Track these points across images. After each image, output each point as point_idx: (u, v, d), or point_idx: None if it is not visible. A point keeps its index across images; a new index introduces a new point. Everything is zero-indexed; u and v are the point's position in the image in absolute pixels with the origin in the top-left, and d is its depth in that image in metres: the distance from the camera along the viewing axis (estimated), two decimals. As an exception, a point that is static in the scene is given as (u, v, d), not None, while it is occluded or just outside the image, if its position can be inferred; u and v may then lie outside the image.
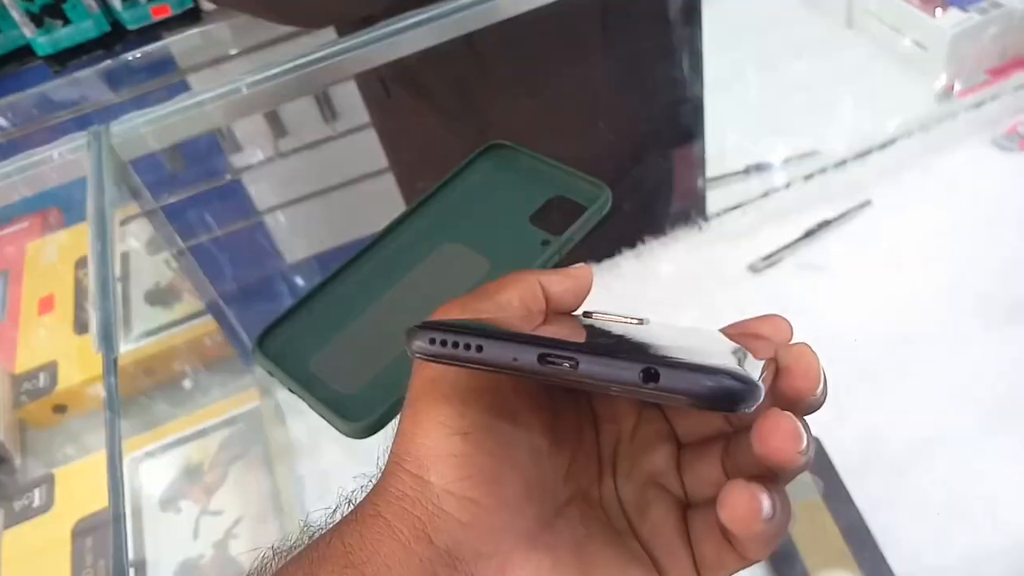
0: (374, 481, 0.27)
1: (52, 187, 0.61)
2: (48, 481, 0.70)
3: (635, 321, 0.32)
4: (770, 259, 0.82)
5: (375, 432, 0.35)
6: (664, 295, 0.81)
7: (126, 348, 0.78)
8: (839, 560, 0.61)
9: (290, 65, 0.64)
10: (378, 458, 0.28)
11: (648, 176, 0.85)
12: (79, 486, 0.71)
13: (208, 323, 0.78)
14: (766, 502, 0.24)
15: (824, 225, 0.84)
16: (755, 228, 0.85)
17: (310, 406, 0.36)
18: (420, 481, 0.25)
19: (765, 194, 0.87)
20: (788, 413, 0.24)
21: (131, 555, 0.65)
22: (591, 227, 0.41)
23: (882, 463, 0.66)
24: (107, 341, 0.43)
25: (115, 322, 0.44)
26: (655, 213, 0.86)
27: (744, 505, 0.24)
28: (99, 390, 0.81)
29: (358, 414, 0.35)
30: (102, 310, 0.44)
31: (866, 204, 0.85)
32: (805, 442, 0.24)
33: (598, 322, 0.31)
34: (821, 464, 0.66)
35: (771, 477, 0.26)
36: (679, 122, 0.85)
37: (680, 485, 0.30)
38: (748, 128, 0.99)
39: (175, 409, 0.75)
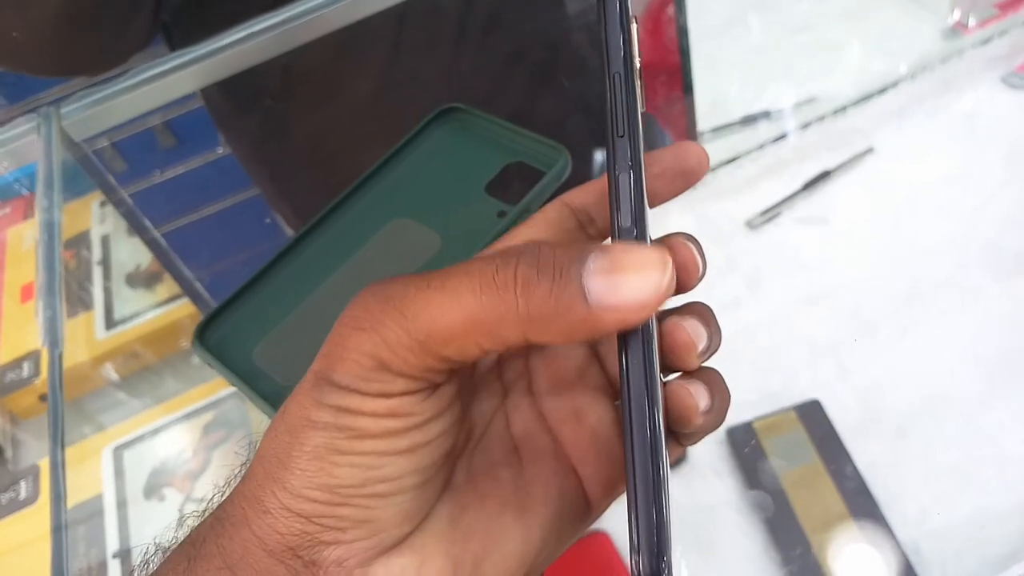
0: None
1: (7, 174, 0.59)
2: (33, 473, 0.69)
3: None
4: (768, 214, 0.79)
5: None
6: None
7: (108, 334, 0.77)
8: (839, 525, 0.59)
9: (250, 31, 0.61)
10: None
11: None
12: (67, 475, 0.70)
13: (190, 304, 0.76)
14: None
15: (824, 176, 0.80)
16: (752, 182, 0.82)
17: (250, 400, 0.34)
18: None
19: (761, 146, 0.84)
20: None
21: (116, 545, 0.64)
22: (549, 194, 0.38)
23: (884, 423, 0.64)
24: (52, 337, 0.41)
25: (61, 317, 0.42)
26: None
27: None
28: (86, 376, 0.80)
29: (298, 408, 0.33)
30: (47, 305, 0.42)
31: (868, 152, 0.81)
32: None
33: None
34: (820, 425, 0.64)
35: None
36: (661, 72, 0.81)
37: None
38: (746, 75, 0.95)
39: (158, 394, 0.74)
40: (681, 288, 0.26)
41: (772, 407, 0.65)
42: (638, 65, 0.27)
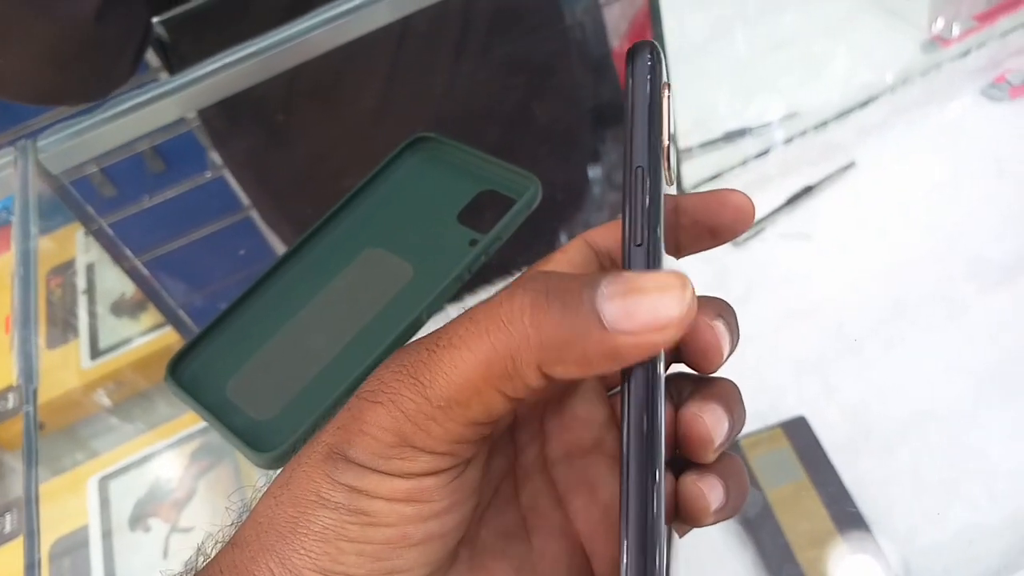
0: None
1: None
2: (19, 505, 0.69)
3: None
4: (752, 230, 0.79)
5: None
6: (643, 274, 0.78)
7: (93, 363, 0.77)
8: (827, 542, 0.59)
9: (231, 59, 0.61)
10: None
11: (609, 153, 0.82)
12: (53, 506, 0.70)
13: (176, 332, 0.76)
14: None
15: (807, 191, 0.80)
16: (735, 198, 0.82)
17: (222, 436, 0.34)
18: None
19: (744, 162, 0.84)
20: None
21: (101, 577, 0.64)
22: (520, 222, 0.38)
23: (871, 438, 0.64)
24: (27, 372, 0.41)
25: (36, 352, 0.42)
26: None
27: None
28: (76, 403, 0.80)
29: (270, 443, 0.33)
30: (22, 340, 0.42)
31: (850, 166, 0.81)
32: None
33: None
34: (807, 442, 0.64)
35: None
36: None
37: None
38: (728, 90, 0.96)
39: (145, 422, 0.73)
40: (703, 370, 0.24)
41: (758, 424, 0.65)
42: (667, 143, 0.22)
